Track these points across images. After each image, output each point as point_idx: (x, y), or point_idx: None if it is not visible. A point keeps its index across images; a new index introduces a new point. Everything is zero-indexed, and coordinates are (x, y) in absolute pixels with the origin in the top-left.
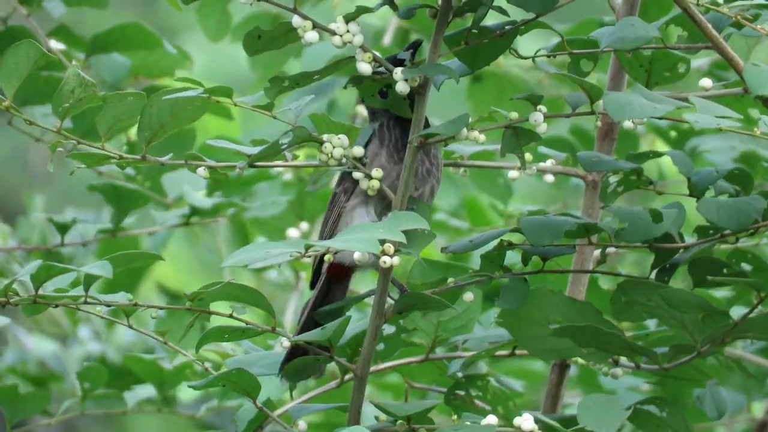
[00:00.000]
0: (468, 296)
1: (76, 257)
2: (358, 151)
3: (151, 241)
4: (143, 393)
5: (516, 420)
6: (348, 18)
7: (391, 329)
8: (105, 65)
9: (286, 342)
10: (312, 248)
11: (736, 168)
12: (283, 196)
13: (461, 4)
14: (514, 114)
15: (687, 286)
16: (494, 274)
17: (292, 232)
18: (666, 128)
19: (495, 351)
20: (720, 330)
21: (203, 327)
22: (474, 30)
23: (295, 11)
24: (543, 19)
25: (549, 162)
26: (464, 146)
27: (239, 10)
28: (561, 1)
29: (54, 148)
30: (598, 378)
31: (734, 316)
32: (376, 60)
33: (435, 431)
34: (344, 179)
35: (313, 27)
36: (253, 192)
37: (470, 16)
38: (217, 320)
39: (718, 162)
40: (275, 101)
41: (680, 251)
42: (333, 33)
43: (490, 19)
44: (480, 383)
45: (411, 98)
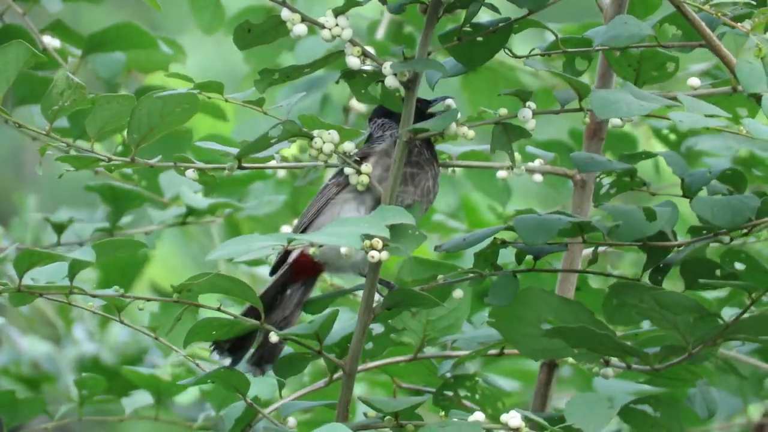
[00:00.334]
0: (458, 293)
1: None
2: (349, 147)
3: (147, 240)
4: (141, 400)
5: (503, 417)
6: (337, 12)
7: (380, 329)
8: (100, 61)
9: (274, 336)
10: (295, 241)
11: (729, 168)
12: (278, 195)
13: (452, 1)
14: (503, 110)
15: (679, 288)
16: (484, 271)
17: (286, 229)
18: (666, 131)
19: (485, 351)
20: (712, 331)
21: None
22: (467, 27)
23: (284, 4)
24: (538, 19)
25: (537, 162)
26: (453, 146)
27: (233, 3)
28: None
29: (43, 151)
30: (593, 380)
31: (726, 318)
32: (366, 54)
33: (422, 428)
34: (340, 173)
35: (302, 20)
36: (249, 191)
37: (462, 13)
38: (206, 315)
39: (716, 163)
40: (270, 100)
41: (673, 251)
42: (322, 26)
43: (485, 17)
44: (469, 383)
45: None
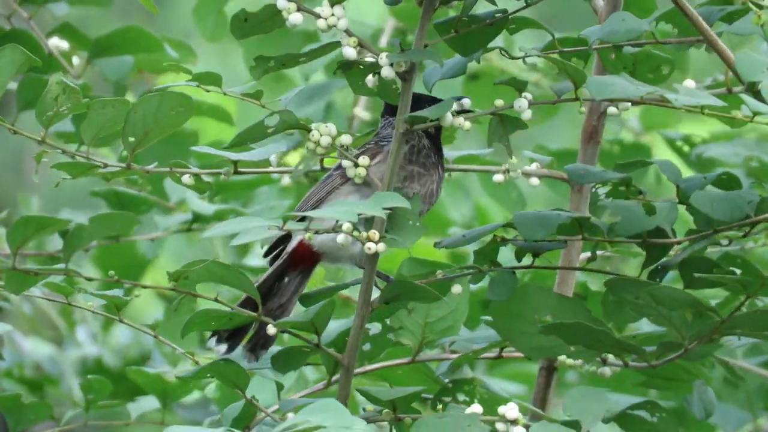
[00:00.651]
0: (456, 288)
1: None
2: (346, 140)
3: (149, 248)
4: (147, 405)
5: (500, 408)
6: (333, 1)
7: (378, 329)
8: (108, 64)
9: (272, 328)
10: (290, 219)
11: (725, 173)
12: (283, 200)
13: None
14: (500, 101)
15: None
16: (483, 267)
17: None
18: (680, 143)
19: (482, 353)
20: (708, 327)
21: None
22: (464, 18)
23: None
24: (537, 20)
25: (534, 165)
26: (449, 151)
27: (235, 11)
28: None
29: (39, 158)
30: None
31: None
32: (362, 45)
33: (420, 420)
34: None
35: (298, 9)
36: (254, 196)
37: (458, 5)
38: (204, 306)
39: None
40: (272, 101)
41: (673, 250)
42: (318, 16)
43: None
44: (467, 388)
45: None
